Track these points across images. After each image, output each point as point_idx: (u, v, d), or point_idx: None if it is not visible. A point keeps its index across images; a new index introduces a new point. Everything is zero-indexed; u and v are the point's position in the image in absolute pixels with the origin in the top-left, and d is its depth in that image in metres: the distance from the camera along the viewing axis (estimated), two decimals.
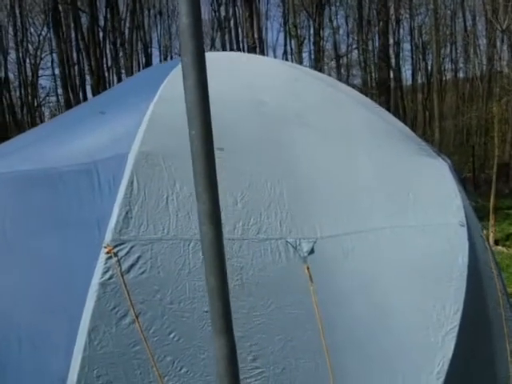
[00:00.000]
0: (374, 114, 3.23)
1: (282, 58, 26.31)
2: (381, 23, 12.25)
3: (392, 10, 20.17)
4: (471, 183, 14.29)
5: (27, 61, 26.04)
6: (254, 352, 2.22)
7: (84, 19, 21.60)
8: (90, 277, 1.99)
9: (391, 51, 25.75)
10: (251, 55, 4.02)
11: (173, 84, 2.77)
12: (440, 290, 2.66)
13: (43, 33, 26.55)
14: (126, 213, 2.16)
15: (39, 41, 27.01)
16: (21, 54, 24.56)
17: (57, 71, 22.29)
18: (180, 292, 2.15)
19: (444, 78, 25.17)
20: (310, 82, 3.19)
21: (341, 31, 27.62)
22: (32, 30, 27.18)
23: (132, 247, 2.11)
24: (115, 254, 2.05)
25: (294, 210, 2.62)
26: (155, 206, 2.24)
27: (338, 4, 26.88)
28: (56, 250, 2.10)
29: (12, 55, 25.03)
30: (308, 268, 2.50)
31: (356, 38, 22.77)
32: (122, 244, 2.09)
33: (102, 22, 22.07)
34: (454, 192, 3.05)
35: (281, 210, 2.58)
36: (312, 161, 2.85)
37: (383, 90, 11.90)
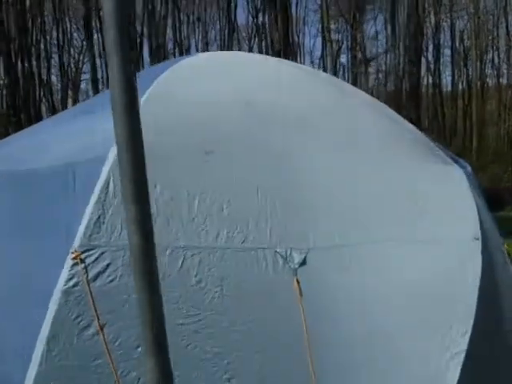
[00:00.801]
0: (382, 116, 3.02)
1: (319, 63, 26.18)
2: (411, 25, 11.83)
3: (429, 14, 19.63)
4: (510, 193, 13.65)
5: (70, 65, 26.87)
6: (231, 371, 2.06)
7: None
8: (55, 284, 1.89)
9: (430, 57, 25.08)
10: (251, 54, 3.87)
11: (163, 84, 2.66)
12: (447, 310, 2.43)
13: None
14: (98, 217, 2.04)
15: (82, 45, 27.82)
16: (58, 57, 25.31)
17: (99, 75, 22.80)
18: None
19: (485, 85, 24.27)
20: (312, 82, 3.01)
21: (380, 37, 27.19)
22: (76, 35, 28.05)
23: (102, 253, 1.99)
24: (82, 261, 1.93)
25: (287, 218, 2.44)
26: None
27: (376, 10, 26.48)
28: (24, 254, 2.00)
29: (55, 59, 25.85)
30: (298, 281, 2.32)
31: (389, 42, 22.35)
32: (91, 250, 1.98)
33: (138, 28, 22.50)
34: (469, 202, 2.80)
35: (272, 217, 2.40)
36: (311, 166, 2.67)
37: (413, 95, 11.48)
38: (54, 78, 26.61)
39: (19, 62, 18.48)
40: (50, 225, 2.02)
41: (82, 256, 1.94)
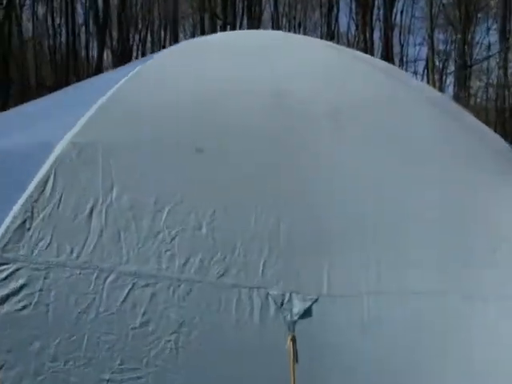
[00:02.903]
0: (452, 121, 2.24)
1: (423, 73, 24.81)
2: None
3: None
4: None
5: None
6: None
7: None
8: None
9: None
10: (293, 35, 3.21)
11: (147, 71, 2.13)
12: None
13: None
14: (24, 221, 1.54)
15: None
16: None
17: None
18: (73, 345, 1.47)
19: None
20: (362, 71, 2.30)
21: (493, 48, 25.04)
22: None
23: (17, 270, 1.49)
24: None
25: (293, 249, 1.78)
26: (71, 218, 1.59)
27: (490, 18, 24.38)
28: None
29: None
30: (293, 339, 1.66)
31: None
32: (3, 264, 1.48)
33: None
34: None
35: (270, 246, 1.76)
36: (341, 180, 1.99)
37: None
38: None
39: None
40: None
41: None
